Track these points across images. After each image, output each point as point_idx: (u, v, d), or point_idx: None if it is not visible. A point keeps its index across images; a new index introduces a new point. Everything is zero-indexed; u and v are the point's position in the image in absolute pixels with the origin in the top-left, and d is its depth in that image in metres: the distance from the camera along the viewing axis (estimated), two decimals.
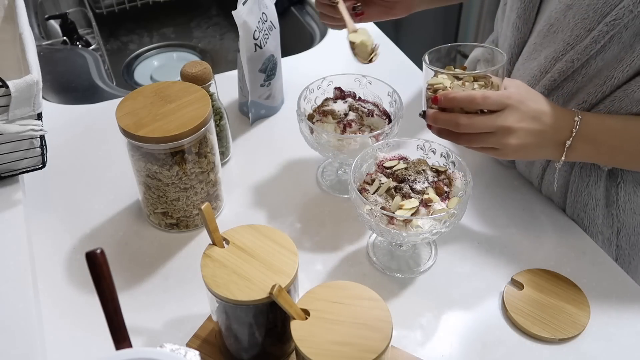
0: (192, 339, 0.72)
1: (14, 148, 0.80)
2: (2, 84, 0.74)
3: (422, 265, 0.82)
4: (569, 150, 0.75)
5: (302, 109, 0.86)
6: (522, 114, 0.72)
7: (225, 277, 0.62)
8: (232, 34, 1.65)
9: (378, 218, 0.71)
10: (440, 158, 0.79)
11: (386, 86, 0.88)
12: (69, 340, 0.72)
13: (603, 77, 0.76)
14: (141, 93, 0.80)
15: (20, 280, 0.72)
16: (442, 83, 0.74)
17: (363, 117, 0.86)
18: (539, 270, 0.80)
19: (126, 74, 1.52)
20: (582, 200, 0.85)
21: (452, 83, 0.74)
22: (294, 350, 0.70)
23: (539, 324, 0.73)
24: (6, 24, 0.95)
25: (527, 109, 0.72)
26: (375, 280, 0.80)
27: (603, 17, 0.71)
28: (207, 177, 0.83)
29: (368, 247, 0.84)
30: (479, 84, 0.74)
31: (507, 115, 0.72)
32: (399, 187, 0.74)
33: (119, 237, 0.85)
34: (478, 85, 0.74)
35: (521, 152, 0.74)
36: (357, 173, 0.77)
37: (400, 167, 0.77)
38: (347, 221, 0.88)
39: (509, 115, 0.72)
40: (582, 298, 0.76)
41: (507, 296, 0.76)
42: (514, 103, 0.72)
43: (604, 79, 0.75)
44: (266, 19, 0.95)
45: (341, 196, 0.91)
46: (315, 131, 0.83)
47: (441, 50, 0.78)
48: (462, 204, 0.72)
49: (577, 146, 0.74)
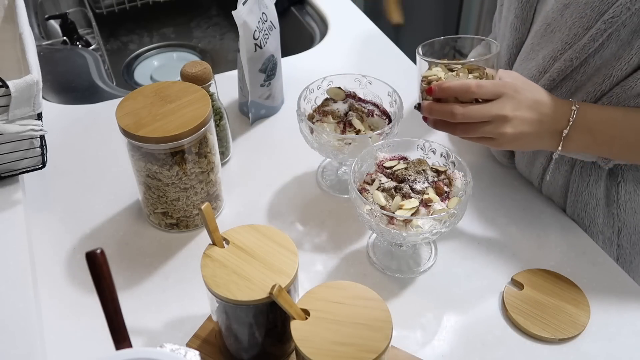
0: (192, 339, 0.72)
1: (14, 148, 0.80)
2: (2, 84, 0.74)
3: (422, 265, 0.82)
4: (566, 140, 0.74)
5: (302, 109, 0.86)
6: (518, 103, 0.72)
7: (225, 277, 0.62)
8: (232, 34, 1.65)
9: (378, 218, 0.71)
10: (440, 158, 0.79)
11: (386, 86, 0.88)
12: (69, 340, 0.73)
13: (602, 75, 0.76)
14: (141, 93, 0.80)
15: (20, 280, 0.72)
16: (437, 75, 0.74)
17: (363, 117, 0.86)
18: (539, 270, 0.80)
19: (126, 74, 1.52)
20: (582, 199, 0.85)
21: (446, 75, 0.74)
22: (294, 351, 0.70)
23: (539, 324, 0.73)
24: (6, 24, 0.95)
25: (523, 98, 0.72)
26: (375, 280, 0.80)
27: (601, 15, 0.71)
28: (207, 177, 0.83)
29: (368, 247, 0.84)
30: (473, 75, 0.74)
31: (503, 103, 0.71)
32: (399, 187, 0.74)
33: (119, 237, 0.85)
34: (472, 77, 0.74)
35: (518, 142, 0.74)
36: (357, 173, 0.77)
37: (400, 167, 0.77)
38: (347, 221, 0.88)
39: (504, 103, 0.71)
40: (582, 298, 0.76)
41: (507, 296, 0.76)
42: (510, 92, 0.72)
43: (603, 77, 0.75)
44: (266, 18, 0.95)
45: (341, 196, 0.91)
46: (315, 131, 0.83)
47: (435, 44, 0.78)
48: (462, 204, 0.72)
49: (574, 136, 0.74)
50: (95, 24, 1.47)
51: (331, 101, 0.89)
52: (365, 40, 1.23)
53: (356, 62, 0.90)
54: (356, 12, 1.34)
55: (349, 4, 1.37)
